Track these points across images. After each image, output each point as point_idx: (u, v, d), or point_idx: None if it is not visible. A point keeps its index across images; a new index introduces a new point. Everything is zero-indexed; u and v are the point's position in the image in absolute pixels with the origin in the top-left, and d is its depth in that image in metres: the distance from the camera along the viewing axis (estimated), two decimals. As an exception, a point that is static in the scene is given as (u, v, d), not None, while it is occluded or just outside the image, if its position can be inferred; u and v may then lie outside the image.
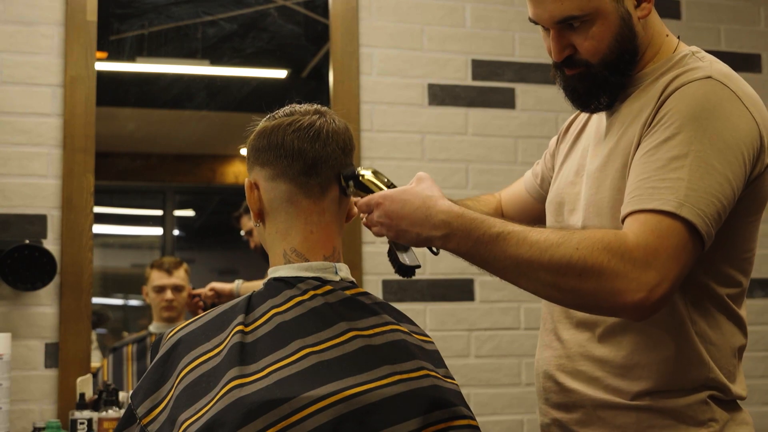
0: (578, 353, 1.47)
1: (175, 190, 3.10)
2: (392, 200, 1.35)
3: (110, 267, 2.88)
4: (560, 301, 1.35)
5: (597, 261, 1.22)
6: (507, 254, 1.27)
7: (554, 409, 1.52)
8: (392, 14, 2.93)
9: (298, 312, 1.25)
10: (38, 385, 2.52)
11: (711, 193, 1.26)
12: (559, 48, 1.41)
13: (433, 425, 1.18)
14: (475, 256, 1.31)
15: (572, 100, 1.47)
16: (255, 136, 1.35)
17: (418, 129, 2.90)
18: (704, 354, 1.40)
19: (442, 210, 1.32)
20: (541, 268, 1.25)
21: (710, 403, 1.40)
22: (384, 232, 1.38)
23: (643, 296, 1.22)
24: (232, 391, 1.14)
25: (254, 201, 1.35)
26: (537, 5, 1.40)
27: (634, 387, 1.40)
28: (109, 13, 2.75)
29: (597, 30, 1.38)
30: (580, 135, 1.59)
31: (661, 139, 1.30)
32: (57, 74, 2.62)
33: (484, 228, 1.29)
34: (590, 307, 1.32)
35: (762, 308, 3.14)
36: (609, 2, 1.37)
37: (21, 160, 2.57)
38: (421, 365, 1.23)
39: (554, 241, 1.25)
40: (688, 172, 1.26)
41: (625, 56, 1.40)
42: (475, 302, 2.86)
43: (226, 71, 3.00)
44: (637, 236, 1.24)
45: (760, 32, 3.28)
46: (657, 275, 1.22)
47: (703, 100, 1.31)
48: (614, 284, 1.22)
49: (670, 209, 1.24)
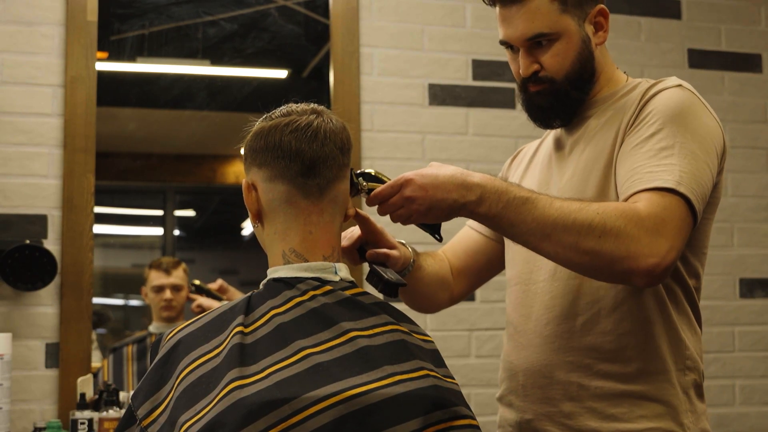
0: (563, 346, 1.52)
1: (175, 190, 3.10)
2: (423, 174, 1.39)
3: (111, 267, 2.88)
4: (577, 265, 1.39)
5: (615, 225, 1.32)
6: (534, 216, 1.35)
7: (537, 404, 1.54)
8: (393, 14, 2.93)
9: (297, 313, 1.25)
10: (39, 385, 2.52)
11: (698, 176, 1.39)
12: (527, 63, 1.54)
13: (434, 425, 1.18)
14: (503, 218, 1.37)
15: (534, 117, 1.60)
16: (252, 137, 1.35)
17: (419, 129, 2.90)
18: (683, 336, 1.50)
19: (476, 175, 1.39)
20: (564, 229, 1.34)
21: (692, 391, 1.49)
22: (412, 210, 1.40)
23: (656, 262, 1.32)
24: (233, 393, 1.14)
25: (252, 202, 1.34)
26: (509, 26, 1.54)
27: (626, 368, 1.47)
28: (109, 13, 2.75)
29: (562, 48, 1.52)
30: (533, 159, 1.71)
31: (647, 135, 1.43)
32: (58, 74, 2.62)
33: (514, 191, 1.37)
34: (604, 270, 1.37)
35: (762, 308, 3.14)
36: (573, 24, 1.53)
37: (22, 160, 2.57)
38: (421, 365, 1.23)
39: (577, 206, 1.36)
40: (678, 158, 1.39)
41: (584, 74, 1.55)
42: (476, 302, 2.86)
43: (226, 71, 3.00)
44: (647, 208, 1.34)
45: (760, 32, 3.28)
46: (666, 243, 1.33)
47: (680, 102, 1.46)
48: (630, 247, 1.32)
49: (670, 186, 1.36)
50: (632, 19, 3.15)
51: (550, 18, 1.51)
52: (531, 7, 1.51)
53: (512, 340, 1.63)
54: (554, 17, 1.51)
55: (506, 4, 1.53)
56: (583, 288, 1.51)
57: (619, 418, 1.47)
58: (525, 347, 1.58)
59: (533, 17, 1.51)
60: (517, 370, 1.59)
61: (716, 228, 3.10)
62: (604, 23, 1.58)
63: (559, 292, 1.53)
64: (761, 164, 3.21)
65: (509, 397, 1.62)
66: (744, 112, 3.22)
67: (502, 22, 1.55)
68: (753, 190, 3.18)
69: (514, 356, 1.61)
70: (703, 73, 3.19)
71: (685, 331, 1.50)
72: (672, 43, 3.18)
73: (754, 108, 3.23)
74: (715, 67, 3.21)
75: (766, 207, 3.19)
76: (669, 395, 1.47)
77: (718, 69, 3.21)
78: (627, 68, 3.07)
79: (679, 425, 1.46)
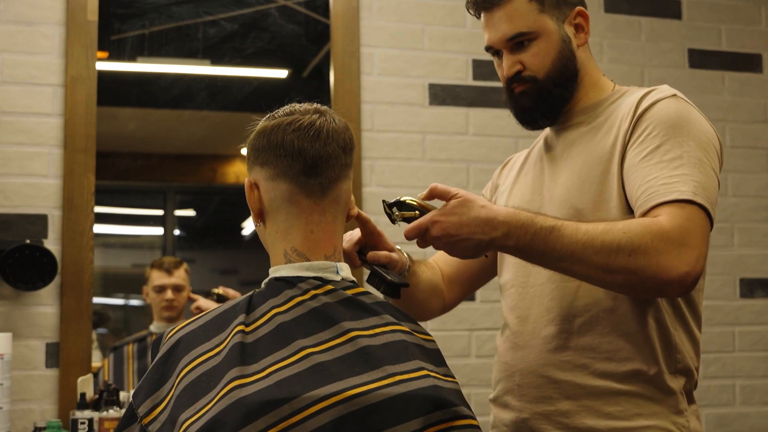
0: (561, 346, 1.54)
1: (175, 189, 3.10)
2: (449, 214, 1.44)
3: (111, 267, 2.88)
4: (612, 284, 1.43)
5: (643, 242, 1.37)
6: (563, 243, 1.39)
7: (534, 403, 1.56)
8: (393, 14, 2.92)
9: (298, 312, 1.25)
10: (39, 385, 2.52)
11: (708, 184, 1.44)
12: (510, 63, 1.60)
13: (434, 425, 1.18)
14: (533, 249, 1.42)
15: (521, 118, 1.66)
16: (255, 136, 1.35)
17: (419, 129, 2.90)
18: (676, 339, 1.52)
19: (501, 212, 1.43)
20: (594, 252, 1.38)
21: (684, 392, 1.53)
22: (439, 247, 1.47)
23: (686, 270, 1.36)
24: (233, 392, 1.14)
25: (254, 201, 1.34)
26: (491, 29, 1.61)
27: (623, 367, 1.50)
28: (109, 12, 2.75)
29: (542, 47, 1.59)
30: (524, 167, 1.74)
31: (652, 147, 1.47)
32: (58, 74, 2.62)
33: (540, 222, 1.41)
34: (638, 286, 1.41)
35: (762, 308, 3.14)
36: (552, 24, 1.59)
37: (22, 160, 2.57)
38: (422, 365, 1.23)
39: (602, 228, 1.40)
40: (689, 168, 1.44)
41: (566, 72, 1.60)
42: (476, 302, 2.86)
43: (226, 71, 3.00)
44: (670, 221, 1.39)
45: (761, 32, 3.28)
46: (694, 252, 1.38)
47: (677, 112, 1.50)
48: (660, 261, 1.36)
49: (688, 197, 1.40)
50: (633, 19, 3.15)
51: (528, 18, 1.58)
52: (510, 9, 1.58)
53: (508, 341, 1.65)
54: (533, 17, 1.58)
55: (488, 9, 1.61)
56: (580, 290, 1.53)
57: (615, 416, 1.49)
58: (522, 348, 1.60)
59: (512, 18, 1.58)
60: (513, 370, 1.61)
61: (717, 228, 3.11)
62: (584, 25, 1.63)
63: (557, 295, 1.56)
64: (761, 164, 3.21)
65: (505, 398, 1.63)
66: (744, 112, 3.22)
67: (485, 28, 1.63)
68: (753, 190, 3.18)
69: (509, 357, 1.63)
70: (704, 73, 3.19)
71: (679, 334, 1.53)
72: (672, 43, 3.18)
73: (754, 108, 3.23)
74: (716, 67, 3.21)
75: (766, 207, 3.19)
76: (663, 395, 1.50)
77: (718, 69, 3.21)
78: (627, 68, 3.10)
79: (673, 424, 1.49)
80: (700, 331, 1.59)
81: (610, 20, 3.13)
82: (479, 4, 1.63)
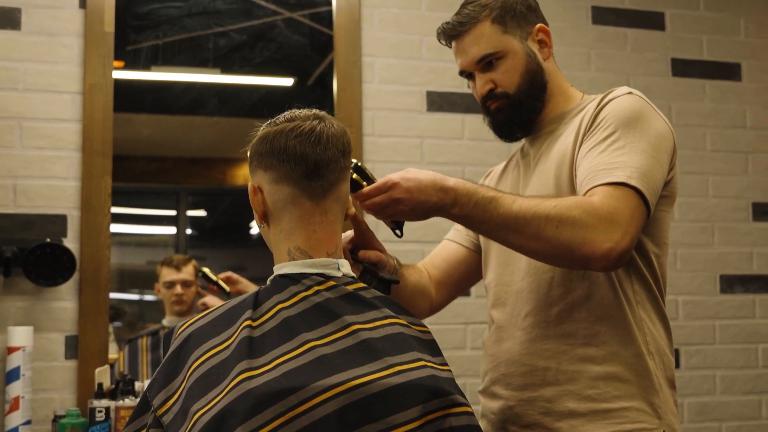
0: (540, 335, 1.55)
1: (188, 191, 3.10)
2: (407, 179, 1.46)
3: (127, 264, 2.88)
4: (541, 254, 1.45)
5: (571, 215, 1.38)
6: (499, 212, 1.42)
7: (519, 391, 1.56)
8: (393, 26, 2.92)
9: (303, 307, 1.25)
10: (59, 376, 2.52)
11: (648, 171, 1.44)
12: (482, 83, 1.65)
13: (432, 413, 1.18)
14: (474, 217, 1.44)
15: (498, 133, 1.70)
16: (258, 141, 1.34)
17: (418, 134, 2.90)
18: (646, 324, 1.53)
19: (450, 179, 1.47)
20: (525, 222, 1.40)
21: (659, 373, 1.52)
22: (397, 210, 1.47)
23: (610, 247, 1.36)
24: (242, 383, 1.14)
25: (258, 204, 1.34)
26: (462, 55, 1.66)
27: (600, 351, 1.51)
28: (125, 24, 2.75)
29: (510, 64, 1.63)
30: (503, 176, 1.77)
31: (602, 137, 1.49)
32: (77, 82, 2.62)
33: (482, 192, 1.44)
34: (564, 257, 1.41)
35: (741, 303, 3.14)
36: (516, 42, 1.63)
37: (43, 163, 2.57)
38: (419, 356, 1.23)
39: (536, 201, 1.42)
40: (630, 155, 1.45)
41: (535, 84, 1.64)
42: (471, 297, 2.86)
43: (236, 79, 3.00)
44: (600, 199, 1.40)
45: (740, 42, 3.27)
46: (620, 230, 1.37)
47: (630, 107, 1.52)
48: (585, 234, 1.37)
49: (622, 180, 1.41)
50: (619, 31, 3.15)
51: (493, 39, 1.62)
52: (476, 33, 1.63)
53: (493, 335, 1.66)
54: (496, 38, 1.62)
55: (456, 36, 1.66)
56: (555, 280, 1.54)
57: (595, 399, 1.49)
58: (506, 340, 1.61)
59: (479, 41, 1.63)
60: (498, 361, 1.62)
61: (698, 227, 3.12)
62: (546, 40, 1.66)
63: (534, 287, 1.57)
64: (740, 167, 3.20)
65: (492, 388, 1.64)
66: (724, 118, 3.21)
67: (457, 55, 1.68)
68: (733, 191, 3.18)
69: (495, 350, 1.64)
70: (686, 81, 3.19)
71: (651, 318, 1.54)
72: (656, 53, 3.18)
73: (734, 114, 3.23)
74: (697, 76, 3.21)
75: (745, 207, 3.19)
76: (640, 377, 1.50)
77: (699, 77, 3.21)
78: (614, 77, 3.10)
79: (650, 405, 1.49)
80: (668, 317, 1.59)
81: (598, 31, 3.13)
82: (449, 33, 1.67)
